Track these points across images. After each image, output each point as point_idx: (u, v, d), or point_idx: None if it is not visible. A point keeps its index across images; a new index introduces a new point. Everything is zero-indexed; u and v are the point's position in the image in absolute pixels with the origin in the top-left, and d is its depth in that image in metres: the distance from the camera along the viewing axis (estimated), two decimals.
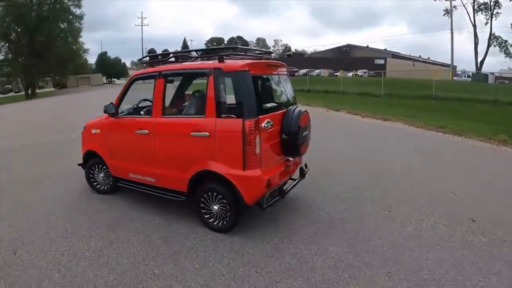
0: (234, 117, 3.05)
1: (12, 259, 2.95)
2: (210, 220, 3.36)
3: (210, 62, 3.38)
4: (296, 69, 37.50)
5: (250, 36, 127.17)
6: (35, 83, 36.72)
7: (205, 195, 3.33)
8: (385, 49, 55.61)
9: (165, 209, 3.83)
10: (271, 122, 3.23)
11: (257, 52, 4.04)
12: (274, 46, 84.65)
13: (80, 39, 42.04)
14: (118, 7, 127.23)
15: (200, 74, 3.51)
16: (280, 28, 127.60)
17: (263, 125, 3.12)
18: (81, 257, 2.96)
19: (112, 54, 68.05)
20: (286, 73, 3.96)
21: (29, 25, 32.29)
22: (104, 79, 60.20)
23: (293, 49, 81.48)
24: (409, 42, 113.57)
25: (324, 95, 19.46)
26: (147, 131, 3.60)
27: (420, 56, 58.85)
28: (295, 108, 3.53)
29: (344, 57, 51.24)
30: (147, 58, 4.29)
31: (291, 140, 3.40)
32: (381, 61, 42.89)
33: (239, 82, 3.09)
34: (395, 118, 10.36)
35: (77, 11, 35.75)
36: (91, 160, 4.38)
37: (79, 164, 4.60)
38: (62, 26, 36.00)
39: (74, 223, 3.60)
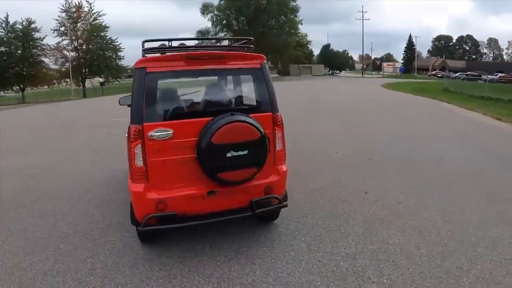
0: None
1: None
2: None
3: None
4: None
5: (482, 36, 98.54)
6: None
7: None
8: None
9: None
10: (170, 131, 2.59)
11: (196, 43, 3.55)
12: (507, 49, 74.55)
13: (304, 30, 50.31)
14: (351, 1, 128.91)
15: None
16: None
17: (151, 133, 2.57)
18: None
19: (337, 46, 70.45)
20: (240, 67, 2.94)
21: (247, 17, 39.31)
22: (327, 71, 61.79)
23: None
24: None
25: None
26: None
27: None
28: (224, 117, 2.63)
29: None
30: None
31: (201, 160, 2.62)
32: None
33: (133, 82, 2.70)
34: None
35: (294, 5, 41.11)
36: None
37: None
38: (279, 19, 41.28)
39: None
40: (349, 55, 72.46)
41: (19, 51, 32.11)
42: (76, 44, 35.18)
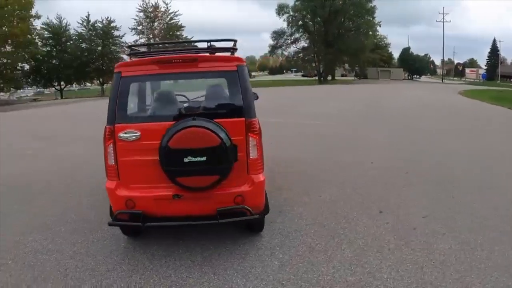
0: None
1: None
2: None
3: None
4: None
5: None
6: (327, 70, 43.51)
7: None
8: None
9: None
10: (138, 133, 2.65)
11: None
12: None
13: (384, 32, 47.23)
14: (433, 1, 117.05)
15: None
16: None
17: (120, 134, 2.65)
18: None
19: (418, 50, 69.13)
20: (213, 70, 2.83)
21: (322, 18, 38.83)
22: (406, 75, 59.68)
23: None
24: None
25: None
26: None
27: None
28: (184, 121, 2.61)
29: None
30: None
31: (161, 163, 2.59)
32: None
33: (112, 86, 2.80)
34: None
35: (371, 5, 39.63)
36: None
37: None
38: (355, 20, 40.71)
39: None
40: (430, 59, 64.76)
41: (99, 48, 36.14)
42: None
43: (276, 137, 7.81)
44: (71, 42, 35.91)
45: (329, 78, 46.30)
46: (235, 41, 3.09)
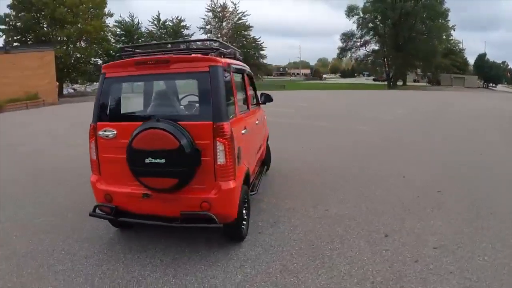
0: None
1: None
2: None
3: None
4: None
5: None
6: (397, 75, 41.80)
7: None
8: None
9: None
10: (114, 132, 2.76)
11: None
12: None
13: (460, 37, 42.95)
14: None
15: None
16: None
17: (100, 132, 2.81)
18: None
19: (495, 57, 62.53)
20: (185, 71, 2.77)
21: (392, 20, 37.76)
22: (481, 83, 53.76)
23: None
24: None
25: None
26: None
27: None
28: (148, 123, 2.62)
29: None
30: None
31: (127, 161, 2.64)
32: None
33: (98, 85, 2.99)
34: None
35: (444, 8, 37.77)
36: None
37: None
38: (427, 23, 39.06)
39: None
40: (508, 67, 54.70)
41: (169, 46, 38.91)
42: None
43: (314, 143, 7.49)
44: (142, 39, 38.97)
45: (400, 83, 43.01)
46: (217, 41, 2.99)
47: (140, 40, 38.51)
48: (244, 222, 3.15)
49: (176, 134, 2.49)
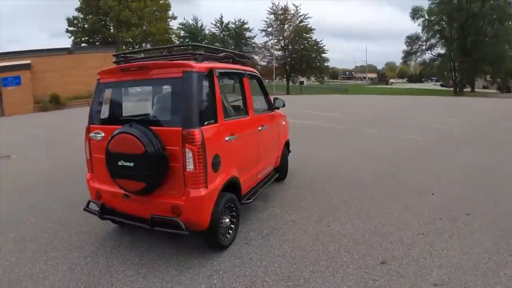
0: None
1: None
2: None
3: None
4: None
5: None
6: (464, 80, 38.60)
7: None
8: None
9: None
10: (102, 134, 2.94)
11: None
12: None
13: None
14: None
15: None
16: None
17: (91, 134, 3.01)
18: None
19: None
20: (160, 77, 2.80)
21: (458, 22, 35.13)
22: None
23: None
24: None
25: None
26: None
27: None
28: (124, 127, 2.69)
29: None
30: None
31: (105, 163, 2.77)
32: None
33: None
34: None
35: None
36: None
37: None
38: (495, 26, 35.80)
39: None
40: None
41: (231, 48, 39.44)
42: (282, 44, 39.85)
43: (350, 150, 7.01)
44: (206, 41, 40.34)
45: (469, 89, 38.52)
46: (195, 45, 2.99)
47: (203, 42, 40.42)
48: (230, 232, 3.08)
49: (142, 139, 2.53)
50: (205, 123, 2.70)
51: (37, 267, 2.78)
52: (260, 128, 3.80)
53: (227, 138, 2.98)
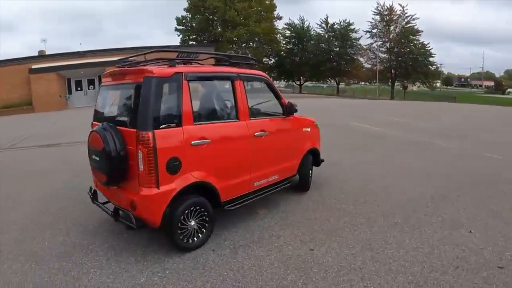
0: None
1: None
2: None
3: None
4: None
5: None
6: None
7: None
8: None
9: None
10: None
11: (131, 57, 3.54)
12: None
13: None
14: None
15: None
16: None
17: (92, 129, 3.26)
18: None
19: None
20: (130, 82, 3.03)
21: None
22: None
23: None
24: None
25: None
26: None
27: None
28: (98, 125, 3.08)
29: None
30: None
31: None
32: None
33: None
34: None
35: None
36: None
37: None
38: None
39: None
40: None
41: (336, 49, 37.48)
42: (388, 46, 36.37)
43: (399, 165, 5.99)
44: (312, 42, 39.93)
45: None
46: (166, 51, 3.10)
47: (310, 43, 40.23)
48: (200, 235, 3.14)
49: (103, 138, 2.85)
50: (162, 126, 2.80)
51: (28, 250, 3.18)
52: (257, 133, 3.64)
53: (193, 142, 2.99)
